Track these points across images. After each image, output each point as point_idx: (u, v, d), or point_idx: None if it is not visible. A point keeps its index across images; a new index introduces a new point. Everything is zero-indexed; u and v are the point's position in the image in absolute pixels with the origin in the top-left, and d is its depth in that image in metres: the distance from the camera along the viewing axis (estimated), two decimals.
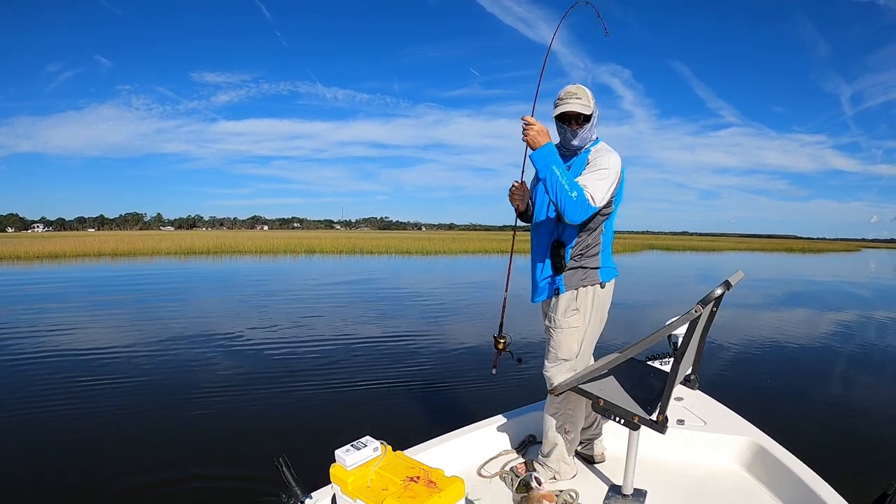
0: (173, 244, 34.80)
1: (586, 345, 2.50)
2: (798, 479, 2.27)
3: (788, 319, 11.34)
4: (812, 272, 28.38)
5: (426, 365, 6.82)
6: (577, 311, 2.45)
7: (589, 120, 2.41)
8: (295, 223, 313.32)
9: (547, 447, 2.57)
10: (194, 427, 4.71)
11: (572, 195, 2.18)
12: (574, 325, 2.45)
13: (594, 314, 2.48)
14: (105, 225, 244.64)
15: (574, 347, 2.46)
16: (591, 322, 2.48)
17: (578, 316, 2.45)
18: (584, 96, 2.38)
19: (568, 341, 2.46)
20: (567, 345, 2.46)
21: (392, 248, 36.53)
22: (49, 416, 4.91)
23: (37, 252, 27.80)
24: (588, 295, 2.45)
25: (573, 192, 2.18)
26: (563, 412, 2.50)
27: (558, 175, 2.18)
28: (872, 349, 8.61)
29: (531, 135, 2.22)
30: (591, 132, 2.46)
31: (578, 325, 2.45)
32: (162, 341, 7.95)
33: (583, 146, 2.46)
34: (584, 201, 2.20)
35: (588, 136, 2.45)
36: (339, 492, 1.93)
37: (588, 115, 2.39)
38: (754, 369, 7.03)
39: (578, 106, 2.36)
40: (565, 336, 2.46)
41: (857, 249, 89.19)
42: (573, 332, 2.45)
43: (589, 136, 2.45)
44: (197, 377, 6.15)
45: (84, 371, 6.30)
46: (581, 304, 2.45)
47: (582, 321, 2.45)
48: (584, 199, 2.20)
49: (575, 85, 2.41)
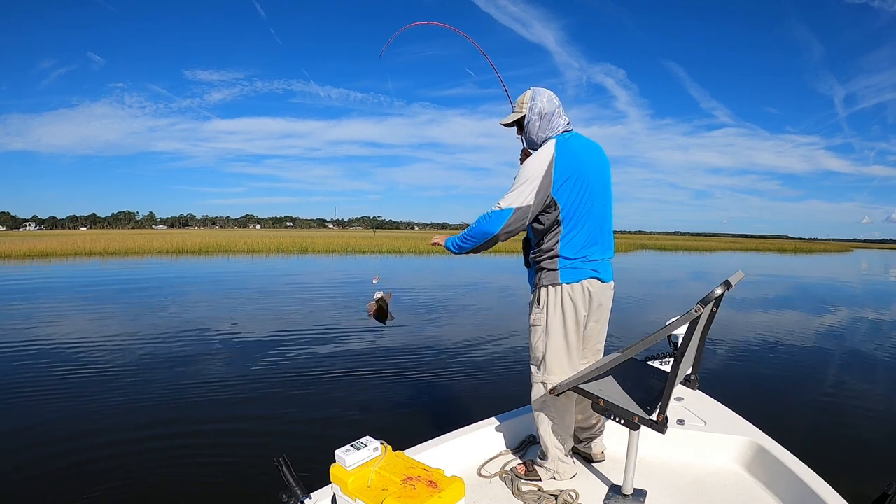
0: (165, 243, 34.60)
1: (553, 349, 2.46)
2: (798, 479, 2.27)
3: (788, 319, 11.39)
4: (809, 273, 28.58)
5: (426, 365, 6.81)
6: (539, 310, 2.48)
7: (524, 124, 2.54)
8: (287, 222, 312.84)
9: (543, 447, 2.57)
10: (194, 427, 4.68)
11: (473, 226, 2.44)
12: (537, 324, 2.49)
13: (554, 314, 2.45)
14: (97, 224, 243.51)
15: (540, 346, 2.49)
16: (552, 323, 2.45)
17: (542, 314, 2.47)
18: (516, 105, 2.56)
19: (534, 339, 2.51)
20: (534, 343, 2.52)
21: (385, 248, 36.46)
22: (49, 415, 4.88)
23: (28, 251, 27.59)
24: (548, 294, 2.45)
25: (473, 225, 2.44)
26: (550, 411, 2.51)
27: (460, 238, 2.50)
28: (872, 349, 8.67)
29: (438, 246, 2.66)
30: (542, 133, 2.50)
31: (541, 324, 2.47)
32: (158, 341, 7.89)
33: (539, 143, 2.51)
34: (483, 216, 2.40)
35: (535, 137, 2.51)
36: (339, 492, 1.92)
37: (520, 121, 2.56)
38: (754, 369, 7.06)
39: (507, 118, 2.59)
40: (532, 334, 2.53)
41: (849, 250, 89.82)
42: (536, 330, 2.50)
43: (537, 137, 2.51)
44: (195, 377, 6.12)
45: (82, 371, 6.27)
46: (542, 303, 2.47)
47: (543, 320, 2.47)
48: (484, 214, 2.40)
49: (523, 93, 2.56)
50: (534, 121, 2.47)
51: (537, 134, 2.49)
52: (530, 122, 2.49)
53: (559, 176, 2.35)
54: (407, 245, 37.72)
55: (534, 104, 2.46)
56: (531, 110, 2.47)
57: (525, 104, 2.48)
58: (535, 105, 2.46)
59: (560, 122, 2.49)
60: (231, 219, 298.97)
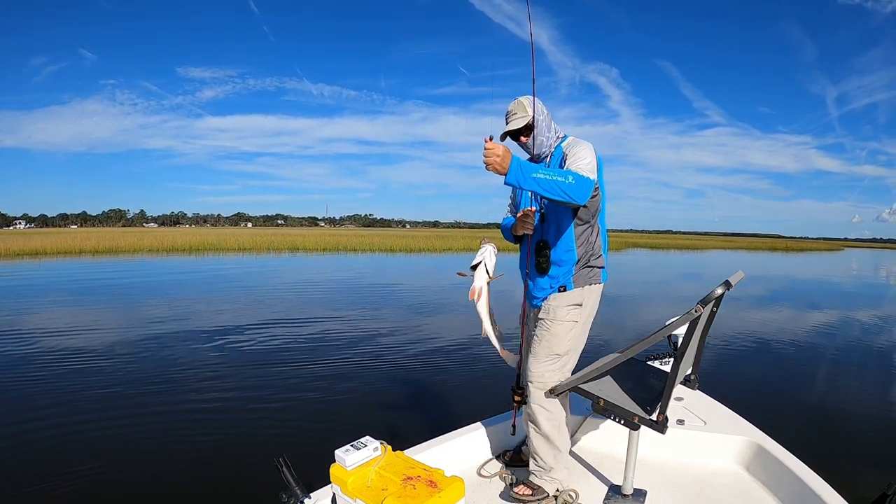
0: (156, 241, 34.36)
1: (575, 347, 2.45)
2: (798, 479, 2.28)
3: (788, 319, 11.42)
4: (805, 272, 28.70)
5: (426, 365, 6.79)
6: (579, 307, 2.41)
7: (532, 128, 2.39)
8: (279, 220, 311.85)
9: (543, 459, 2.41)
10: (193, 427, 4.65)
11: (569, 180, 2.11)
12: (573, 319, 2.40)
13: (590, 314, 2.47)
14: (88, 222, 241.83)
15: (568, 344, 2.40)
16: (585, 322, 2.46)
17: (579, 312, 2.41)
18: (519, 110, 2.38)
19: (567, 335, 2.40)
20: (565, 339, 2.40)
21: (376, 246, 36.38)
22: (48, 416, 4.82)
23: (17, 249, 27.35)
24: (592, 294, 2.45)
25: (567, 177, 2.12)
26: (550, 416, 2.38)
27: (544, 177, 2.11)
28: (871, 349, 8.71)
29: (495, 161, 2.10)
30: (549, 134, 2.43)
31: (577, 321, 2.41)
32: (157, 341, 7.83)
33: (548, 150, 2.44)
34: (580, 178, 2.14)
35: (544, 139, 2.42)
36: (339, 492, 1.92)
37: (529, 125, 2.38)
38: (754, 369, 7.07)
39: (514, 123, 2.38)
40: (565, 329, 2.39)
41: (839, 249, 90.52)
42: (571, 326, 2.40)
43: (546, 139, 2.42)
44: (194, 377, 6.07)
45: (78, 372, 6.20)
46: (585, 302, 2.42)
47: (580, 317, 2.42)
48: (581, 177, 2.14)
49: (512, 102, 2.42)
50: (541, 121, 2.39)
51: (547, 135, 2.41)
52: (539, 123, 2.38)
53: (599, 166, 2.34)
54: (398, 243, 37.69)
55: (537, 106, 2.37)
56: (537, 112, 2.37)
57: (528, 107, 2.36)
58: (538, 107, 2.37)
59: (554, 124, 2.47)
60: (223, 217, 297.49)
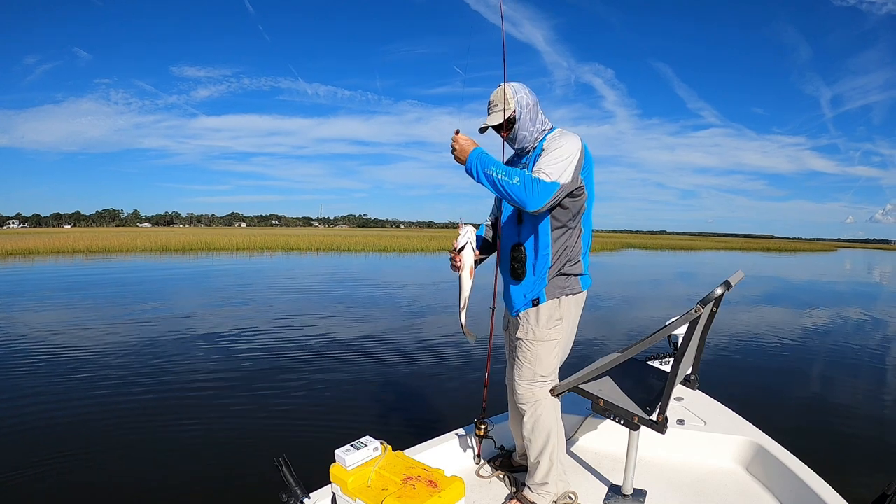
0: (149, 241, 34.23)
1: (561, 359, 2.35)
2: (798, 479, 2.28)
3: (787, 319, 11.44)
4: (800, 273, 28.77)
5: (426, 365, 6.77)
6: (559, 322, 2.25)
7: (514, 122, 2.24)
8: (273, 220, 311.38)
9: (541, 471, 2.30)
10: (193, 427, 4.62)
11: (514, 182, 1.99)
12: (556, 338, 2.26)
13: (573, 327, 2.34)
14: (81, 221, 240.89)
15: (554, 362, 2.28)
16: (568, 336, 2.33)
17: (561, 327, 2.26)
18: (499, 101, 2.22)
19: (549, 356, 2.26)
20: (548, 360, 2.26)
21: (370, 246, 36.37)
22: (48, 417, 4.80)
23: (10, 249, 27.17)
24: (571, 305, 2.28)
25: (514, 178, 2.00)
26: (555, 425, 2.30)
27: (493, 174, 2.02)
28: (872, 350, 8.73)
29: (456, 152, 2.08)
30: (532, 128, 2.25)
31: (560, 338, 2.27)
32: (155, 342, 7.77)
33: (531, 144, 2.28)
34: (532, 182, 2.00)
35: (528, 133, 2.25)
36: (339, 492, 1.92)
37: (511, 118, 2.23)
38: (754, 369, 7.08)
39: (491, 118, 2.23)
40: (547, 350, 2.25)
41: (833, 249, 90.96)
42: (554, 344, 2.26)
43: (529, 132, 2.25)
44: (194, 377, 6.04)
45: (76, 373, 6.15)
46: (564, 315, 2.26)
47: (563, 333, 2.28)
48: (533, 180, 2.00)
49: (494, 92, 2.25)
50: (524, 114, 2.21)
51: (530, 129, 2.24)
52: (521, 117, 2.21)
53: (586, 163, 2.17)
54: (392, 244, 37.68)
55: (519, 98, 2.21)
56: (519, 104, 2.21)
57: (511, 99, 2.20)
58: (520, 98, 2.21)
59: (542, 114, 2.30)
60: (216, 217, 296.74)
